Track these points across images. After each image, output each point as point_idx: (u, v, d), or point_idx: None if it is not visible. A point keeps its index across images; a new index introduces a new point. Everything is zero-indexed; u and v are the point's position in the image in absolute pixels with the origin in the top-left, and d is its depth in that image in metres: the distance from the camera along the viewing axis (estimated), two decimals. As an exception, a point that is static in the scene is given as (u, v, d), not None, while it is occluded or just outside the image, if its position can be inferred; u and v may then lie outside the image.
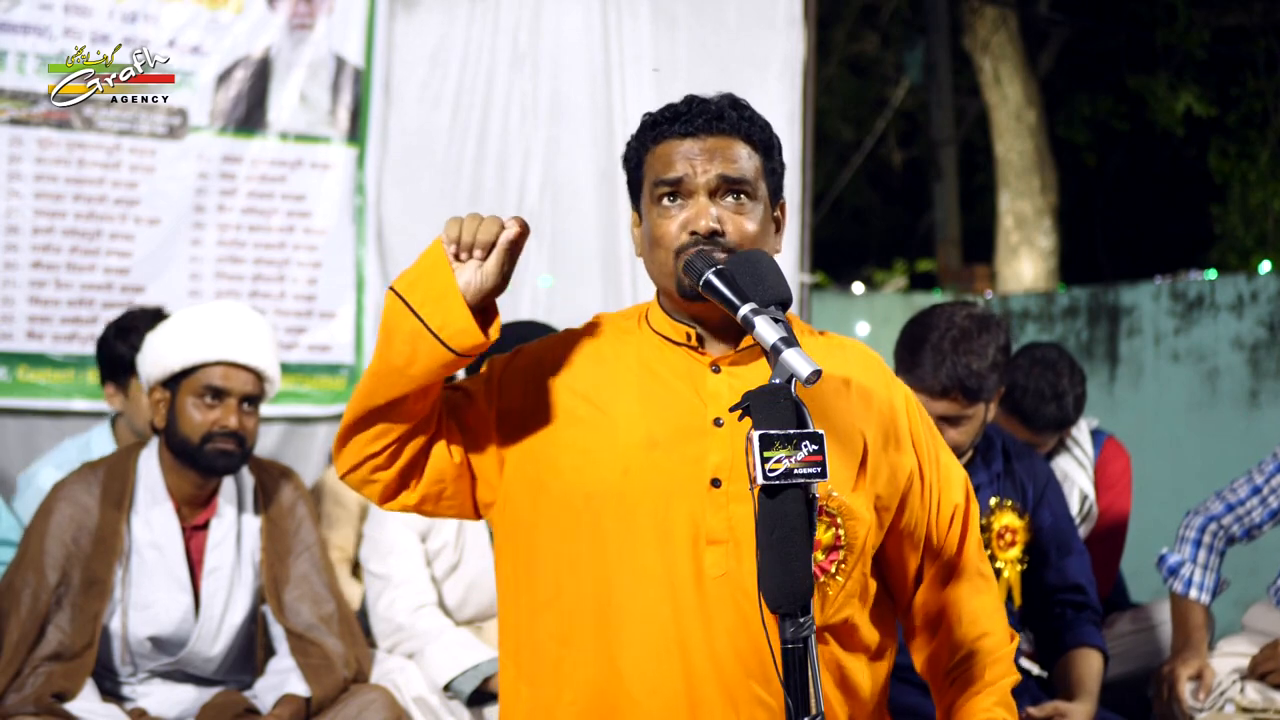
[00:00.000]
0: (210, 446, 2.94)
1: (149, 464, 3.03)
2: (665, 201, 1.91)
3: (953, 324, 2.88)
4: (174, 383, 2.96)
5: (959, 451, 2.94)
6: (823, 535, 1.91)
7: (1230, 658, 3.36)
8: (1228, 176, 9.94)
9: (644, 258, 1.99)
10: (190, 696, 3.01)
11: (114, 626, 2.95)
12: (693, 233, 1.88)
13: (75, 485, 2.99)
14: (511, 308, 4.32)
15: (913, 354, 2.89)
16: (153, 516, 3.00)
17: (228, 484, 3.08)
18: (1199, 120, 10.07)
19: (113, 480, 3.00)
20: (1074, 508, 3.70)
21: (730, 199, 1.90)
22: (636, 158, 1.98)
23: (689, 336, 1.95)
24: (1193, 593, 3.37)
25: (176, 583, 2.99)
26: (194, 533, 3.05)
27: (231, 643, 3.05)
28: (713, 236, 1.87)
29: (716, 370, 1.94)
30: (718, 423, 1.89)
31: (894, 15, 11.70)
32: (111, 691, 2.98)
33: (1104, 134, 11.50)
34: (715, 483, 1.87)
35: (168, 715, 2.97)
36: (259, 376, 3.00)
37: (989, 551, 2.97)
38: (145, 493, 3.01)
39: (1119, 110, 11.00)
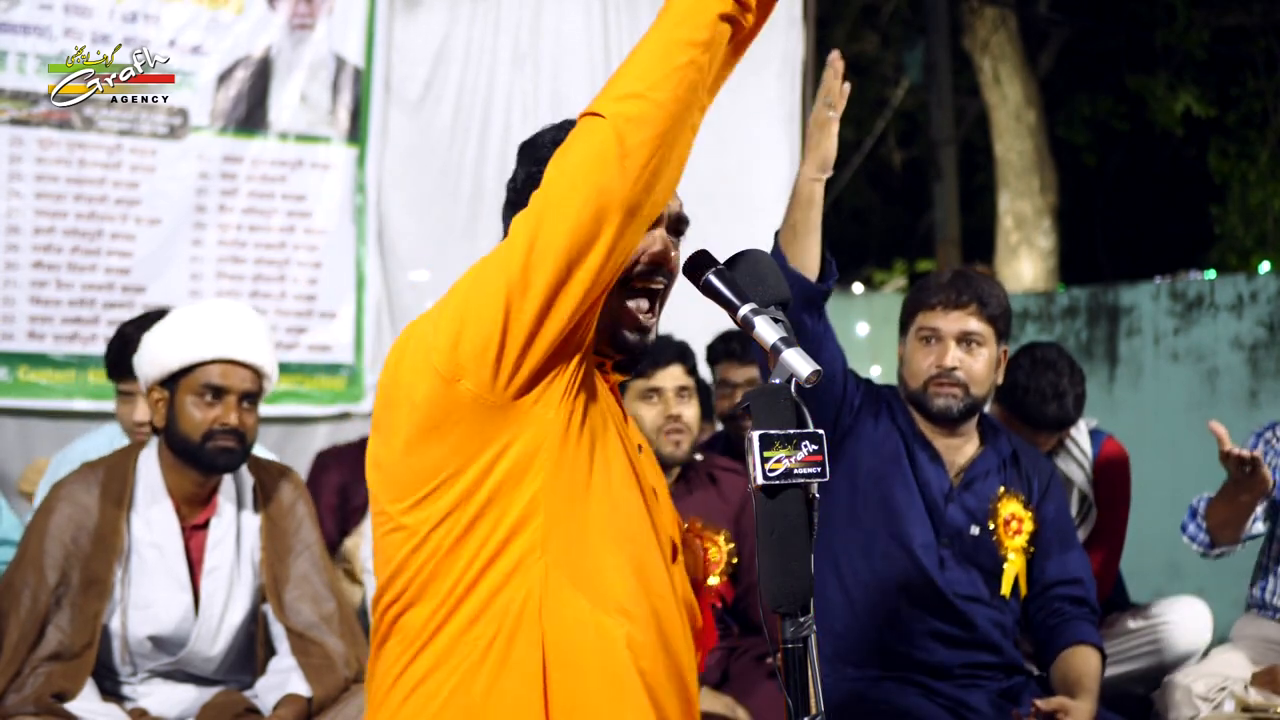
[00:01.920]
0: (211, 444, 2.94)
1: (148, 463, 3.03)
2: None
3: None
4: (172, 382, 2.96)
5: (980, 388, 2.99)
6: None
7: (1227, 664, 3.37)
8: (1227, 176, 9.94)
9: None
10: (190, 696, 3.01)
11: (114, 626, 2.95)
12: None
13: (75, 485, 2.99)
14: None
15: (927, 281, 3.07)
16: (152, 516, 3.00)
17: (227, 483, 3.08)
18: (1199, 120, 10.07)
19: (112, 480, 3.00)
20: (1073, 508, 3.71)
21: None
22: None
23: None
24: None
25: (176, 582, 2.99)
26: (194, 532, 3.05)
27: (231, 642, 3.04)
28: None
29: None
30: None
31: (894, 15, 11.69)
32: (112, 691, 2.98)
33: (1104, 134, 11.49)
34: None
35: (168, 715, 2.97)
36: (257, 373, 3.00)
37: (995, 539, 2.99)
38: (145, 492, 3.01)
39: (1119, 110, 11.01)
